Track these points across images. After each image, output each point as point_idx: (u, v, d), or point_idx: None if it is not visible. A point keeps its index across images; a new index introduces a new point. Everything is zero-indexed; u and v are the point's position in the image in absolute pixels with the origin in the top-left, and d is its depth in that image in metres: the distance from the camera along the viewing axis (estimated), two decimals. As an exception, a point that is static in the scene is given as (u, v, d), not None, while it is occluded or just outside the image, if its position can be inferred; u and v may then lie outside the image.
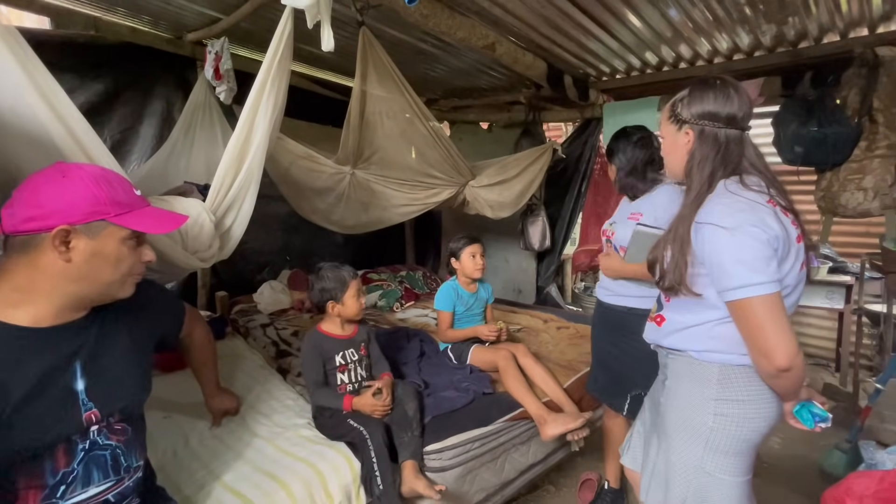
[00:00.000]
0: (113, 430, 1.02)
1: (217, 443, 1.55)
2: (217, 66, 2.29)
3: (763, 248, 0.96)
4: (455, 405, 1.70)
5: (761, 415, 1.06)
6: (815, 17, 2.07)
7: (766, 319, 0.95)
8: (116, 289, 0.99)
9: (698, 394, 1.10)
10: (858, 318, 3.17)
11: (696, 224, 1.03)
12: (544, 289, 3.55)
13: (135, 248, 0.99)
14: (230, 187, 1.55)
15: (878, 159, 1.92)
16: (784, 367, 0.94)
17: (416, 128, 2.22)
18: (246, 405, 1.78)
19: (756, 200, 1.00)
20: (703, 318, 1.08)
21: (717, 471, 1.08)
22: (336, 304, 1.67)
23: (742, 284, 0.96)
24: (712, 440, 1.08)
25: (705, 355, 1.09)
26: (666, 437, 1.18)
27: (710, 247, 1.00)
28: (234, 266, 3.15)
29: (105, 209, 0.91)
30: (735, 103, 1.06)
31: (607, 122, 2.95)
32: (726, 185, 1.04)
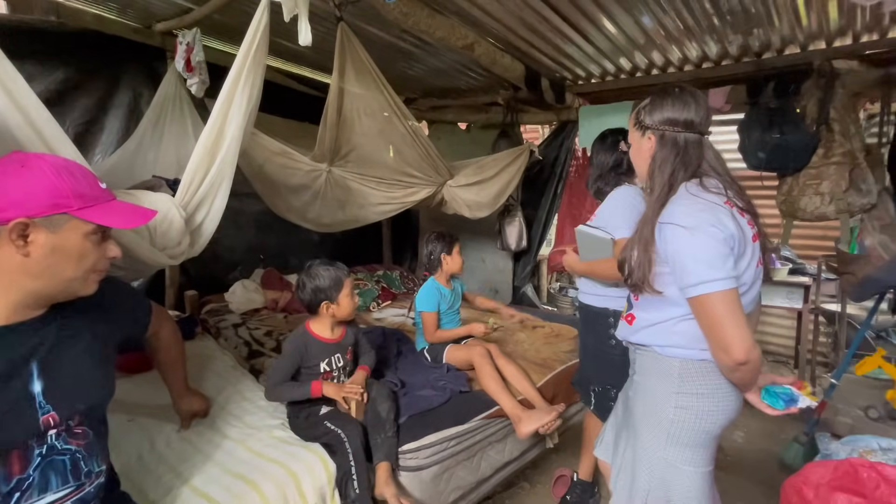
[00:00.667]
0: (73, 434, 0.97)
1: (185, 445, 1.50)
2: (188, 58, 2.22)
3: (720, 247, 1.01)
4: (431, 404, 1.70)
5: (720, 408, 1.11)
6: (778, 30, 2.17)
7: (723, 315, 1.00)
8: (78, 286, 0.95)
9: (661, 387, 1.15)
10: (815, 317, 3.34)
11: (659, 224, 1.08)
12: (521, 289, 3.59)
13: (99, 243, 0.95)
14: (201, 182, 1.51)
15: (834, 166, 2.03)
16: (741, 360, 1.00)
17: (395, 126, 2.21)
18: (216, 407, 1.73)
19: (714, 201, 1.06)
20: (667, 315, 1.12)
21: (679, 462, 1.13)
22: (331, 304, 1.61)
23: (701, 281, 1.01)
24: (674, 432, 1.13)
25: (668, 350, 1.14)
26: (633, 429, 1.23)
27: (672, 245, 1.05)
28: (204, 264, 3.04)
29: (67, 202, 0.87)
30: (692, 109, 1.12)
31: (583, 126, 3.01)
32: (687, 188, 1.09)
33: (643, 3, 1.99)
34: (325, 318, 1.64)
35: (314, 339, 1.63)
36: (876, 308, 2.36)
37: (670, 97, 1.13)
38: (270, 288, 3.09)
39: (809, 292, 3.26)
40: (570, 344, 2.49)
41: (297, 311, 2.96)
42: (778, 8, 1.96)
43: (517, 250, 3.43)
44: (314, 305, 1.62)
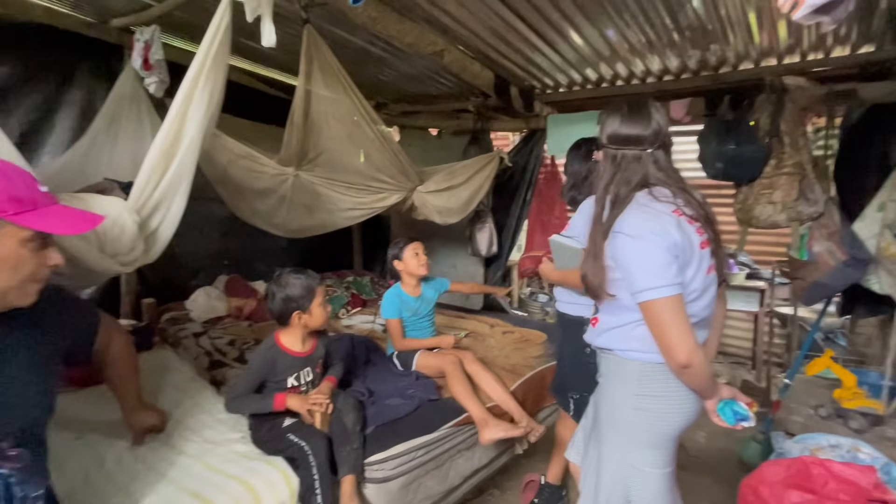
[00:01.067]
0: (5, 457, 0.90)
1: (137, 464, 1.42)
2: (147, 56, 2.13)
3: (663, 255, 1.05)
4: (399, 413, 1.67)
5: (678, 410, 1.15)
6: (733, 46, 2.28)
7: (667, 319, 1.04)
8: (14, 296, 0.88)
9: (622, 390, 1.18)
10: (770, 319, 3.50)
11: (612, 233, 1.12)
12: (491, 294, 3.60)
13: (38, 250, 0.89)
14: (157, 185, 1.45)
15: (785, 176, 2.14)
16: (683, 363, 1.04)
17: (364, 131, 2.18)
18: (173, 421, 1.64)
19: (661, 211, 1.10)
20: (625, 319, 1.16)
21: (639, 463, 1.16)
22: (303, 313, 1.55)
23: (646, 287, 1.05)
24: (634, 434, 1.16)
25: (628, 354, 1.17)
26: (598, 431, 1.27)
27: (620, 253, 1.10)
28: (163, 271, 2.92)
29: (2, 206, 0.81)
30: (637, 125, 1.15)
31: (551, 134, 3.06)
32: (638, 198, 1.13)
33: (607, 17, 2.05)
34: (296, 329, 1.59)
35: (283, 352, 1.57)
36: (824, 311, 2.50)
37: (612, 115, 1.19)
38: (235, 295, 2.98)
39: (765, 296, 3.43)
40: (539, 349, 2.51)
41: (262, 319, 2.87)
42: (732, 26, 2.06)
43: (488, 256, 3.44)
44: (285, 315, 1.56)
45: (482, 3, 1.97)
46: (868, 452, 1.76)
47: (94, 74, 2.52)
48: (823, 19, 0.93)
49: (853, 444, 1.81)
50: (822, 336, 3.28)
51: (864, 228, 2.09)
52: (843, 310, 2.49)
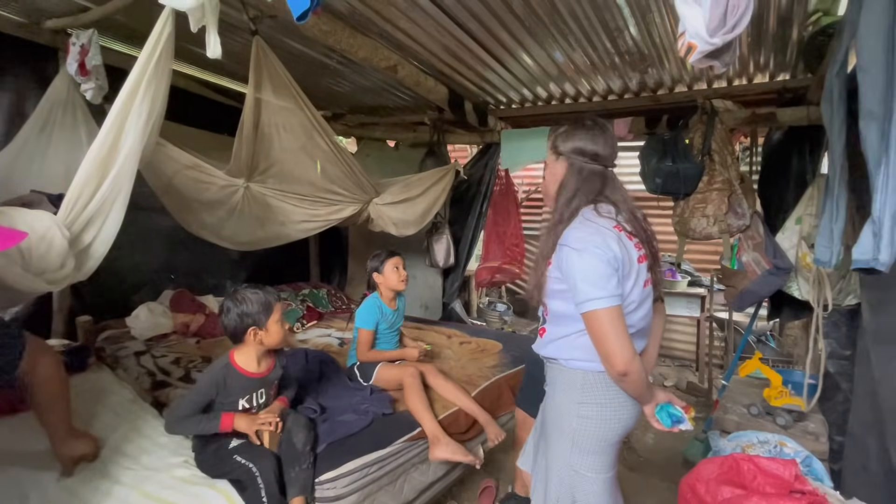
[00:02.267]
0: None
1: (67, 496, 1.33)
2: (83, 61, 2.02)
3: (604, 267, 1.11)
4: (352, 429, 1.65)
5: (617, 416, 1.21)
6: (668, 70, 2.45)
7: (607, 329, 1.10)
8: None
9: (566, 398, 1.23)
10: (710, 324, 3.74)
11: (559, 246, 1.17)
12: (449, 304, 3.64)
13: None
14: (91, 198, 1.37)
15: (716, 192, 2.32)
16: (622, 371, 1.10)
17: (317, 143, 2.17)
18: (108, 448, 1.55)
19: (603, 226, 1.17)
20: (569, 329, 1.21)
21: (582, 468, 1.21)
22: (258, 330, 1.49)
23: (587, 298, 1.10)
24: (577, 440, 1.21)
25: (571, 363, 1.22)
26: (546, 439, 1.30)
27: (565, 265, 1.15)
28: (101, 286, 2.72)
29: None
30: (600, 142, 1.22)
31: (504, 148, 3.16)
32: (583, 213, 1.20)
33: (553, 39, 2.15)
34: (251, 347, 1.53)
35: (237, 372, 1.51)
36: (755, 316, 2.70)
37: (583, 128, 1.24)
38: (181, 311, 2.84)
39: (705, 302, 3.66)
40: (494, 359, 2.56)
41: (211, 335, 2.76)
42: (666, 52, 2.22)
43: (445, 267, 3.48)
44: (239, 332, 1.50)
45: (434, 22, 2.02)
46: (792, 447, 1.91)
47: (24, 78, 2.36)
48: (714, 63, 1.05)
49: (779, 439, 1.96)
50: (754, 339, 3.53)
51: (785, 240, 2.28)
52: (771, 314, 2.70)
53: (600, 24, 1.98)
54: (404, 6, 1.89)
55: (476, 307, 4.75)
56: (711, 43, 0.98)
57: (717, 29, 0.98)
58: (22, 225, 1.22)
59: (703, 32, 0.99)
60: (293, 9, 1.16)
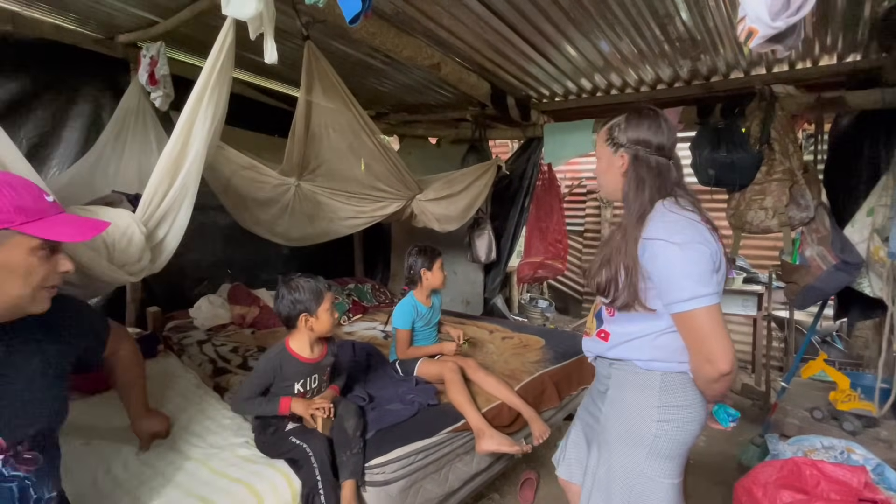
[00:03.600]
0: (21, 460, 0.94)
1: (144, 468, 1.45)
2: (152, 71, 2.19)
3: (708, 263, 1.05)
4: (399, 418, 1.70)
5: (697, 418, 1.15)
6: (723, 56, 2.34)
7: (711, 328, 1.03)
8: (27, 303, 0.93)
9: (641, 401, 1.16)
10: (768, 323, 3.53)
11: (643, 241, 1.09)
12: (491, 300, 3.65)
13: (47, 258, 0.93)
14: (163, 198, 1.50)
15: (776, 182, 2.19)
16: (726, 371, 1.03)
17: (363, 141, 2.24)
18: (178, 427, 1.68)
19: (694, 219, 1.10)
20: (648, 329, 1.14)
21: (658, 475, 1.14)
22: (309, 317, 1.57)
23: (691, 296, 1.03)
24: (656, 446, 1.14)
25: (649, 364, 1.15)
26: (607, 445, 1.22)
27: (660, 261, 1.06)
28: (168, 279, 2.96)
29: (8, 217, 0.85)
30: (664, 133, 1.16)
31: (547, 142, 3.12)
32: (664, 205, 1.13)
33: (599, 30, 2.11)
34: (304, 334, 1.61)
35: (292, 357, 1.59)
36: (819, 315, 2.53)
37: (646, 119, 1.16)
38: (238, 303, 3.02)
39: (762, 300, 3.46)
40: (537, 354, 2.55)
41: (265, 326, 2.92)
42: (721, 36, 2.11)
43: (487, 262, 3.49)
44: (292, 318, 1.58)
45: (477, 17, 2.03)
46: (861, 454, 1.79)
47: (101, 89, 2.59)
48: (776, 47, 0.99)
49: (846, 445, 1.83)
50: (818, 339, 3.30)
51: (855, 233, 2.13)
52: (838, 313, 2.52)
53: (649, 11, 1.92)
54: (447, 3, 1.91)
55: (517, 303, 4.73)
56: (774, 27, 0.93)
57: (781, 11, 0.92)
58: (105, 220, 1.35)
59: (765, 16, 0.93)
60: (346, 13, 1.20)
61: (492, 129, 3.46)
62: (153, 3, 2.05)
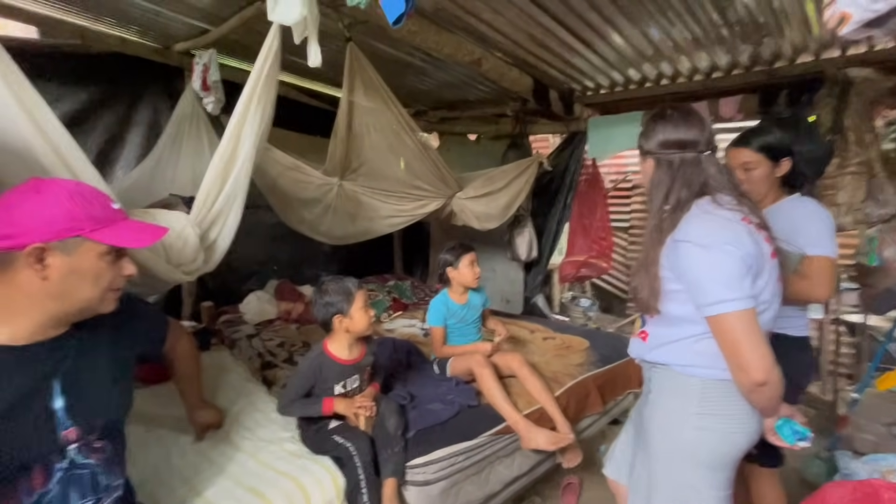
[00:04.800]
0: (92, 449, 1.01)
1: (199, 458, 1.53)
2: (205, 78, 2.30)
3: (737, 265, 0.99)
4: (440, 418, 1.70)
5: (742, 430, 1.08)
6: (789, 39, 2.15)
7: (741, 335, 0.98)
8: (96, 304, 0.99)
9: (679, 407, 1.12)
10: (837, 328, 3.25)
11: (674, 242, 1.06)
12: (531, 299, 3.58)
13: (114, 262, 0.98)
14: (215, 200, 1.56)
15: (850, 176, 1.99)
16: (760, 381, 0.97)
17: (403, 140, 2.24)
18: (230, 418, 1.75)
19: (730, 219, 1.04)
20: (686, 332, 1.10)
21: (701, 485, 1.09)
22: (343, 317, 1.59)
23: (718, 300, 0.99)
24: (694, 454, 1.09)
25: (688, 370, 1.10)
26: (648, 449, 1.20)
27: (687, 263, 1.03)
28: (220, 276, 3.09)
29: (80, 225, 0.90)
30: (682, 129, 1.11)
31: (592, 137, 3.01)
32: (699, 205, 1.07)
33: (649, 16, 1.99)
34: (341, 335, 1.63)
35: (330, 360, 1.62)
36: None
37: (661, 120, 1.14)
38: (284, 299, 3.13)
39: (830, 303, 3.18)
40: (580, 356, 2.47)
41: (309, 322, 3.00)
42: (788, 17, 1.94)
43: (528, 261, 3.42)
44: (327, 321, 1.61)
45: (518, 10, 1.97)
46: (951, 477, 1.61)
47: (159, 96, 2.73)
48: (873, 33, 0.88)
49: (933, 467, 1.65)
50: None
51: (945, 231, 1.91)
52: (921, 319, 2.28)
53: (705, -7, 1.80)
54: (488, -3, 1.87)
55: (558, 302, 4.62)
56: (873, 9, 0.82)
57: None
58: (163, 224, 1.43)
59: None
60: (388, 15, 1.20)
61: (533, 124, 3.37)
62: (205, 12, 2.14)
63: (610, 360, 2.46)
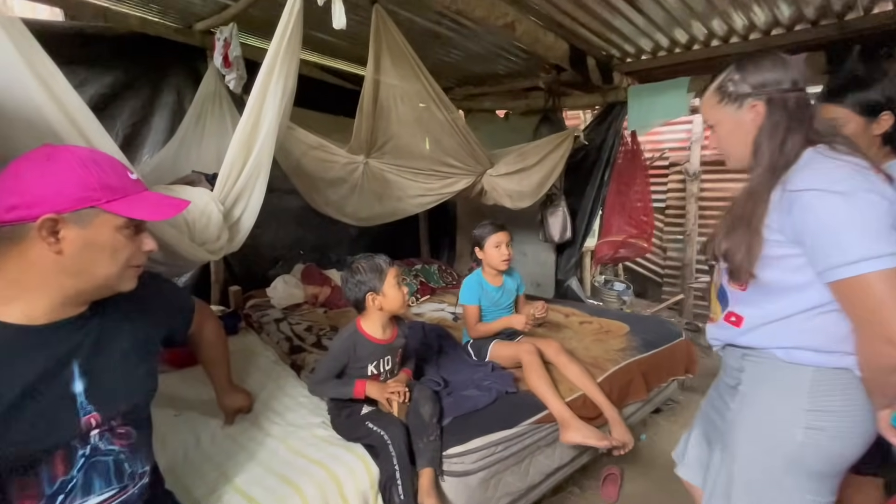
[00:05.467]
0: (116, 435, 0.95)
1: (229, 443, 1.49)
2: (226, 54, 2.22)
3: (883, 217, 0.81)
4: (477, 405, 1.60)
5: (861, 429, 0.92)
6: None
7: (889, 297, 0.79)
8: (115, 281, 0.92)
9: (785, 403, 0.95)
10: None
11: (791, 194, 0.88)
12: (565, 282, 3.42)
13: (133, 236, 0.91)
14: (238, 176, 1.48)
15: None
16: None
17: (432, 113, 2.11)
18: (259, 403, 1.72)
19: (861, 165, 0.86)
20: (796, 307, 0.92)
21: (800, 491, 0.94)
22: (376, 295, 1.52)
23: (860, 258, 0.80)
24: (801, 457, 0.93)
25: (796, 354, 0.93)
26: (732, 448, 1.03)
27: (815, 216, 0.85)
28: (246, 260, 3.13)
29: (95, 195, 0.83)
30: (792, 68, 0.95)
31: (632, 107, 2.79)
32: (817, 151, 0.90)
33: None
34: (374, 314, 1.56)
35: (365, 338, 1.55)
36: None
37: (766, 59, 0.97)
38: (310, 283, 3.09)
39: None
40: (621, 341, 2.33)
41: (337, 306, 2.95)
42: (868, -42, 1.70)
43: (561, 242, 3.26)
44: (360, 300, 1.54)
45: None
46: None
47: (182, 77, 2.69)
48: None
49: None
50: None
51: None
52: None
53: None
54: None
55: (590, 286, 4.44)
56: None
57: None
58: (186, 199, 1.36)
59: None
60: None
61: (567, 97, 3.18)
62: (224, -16, 2.05)
63: (653, 345, 2.32)
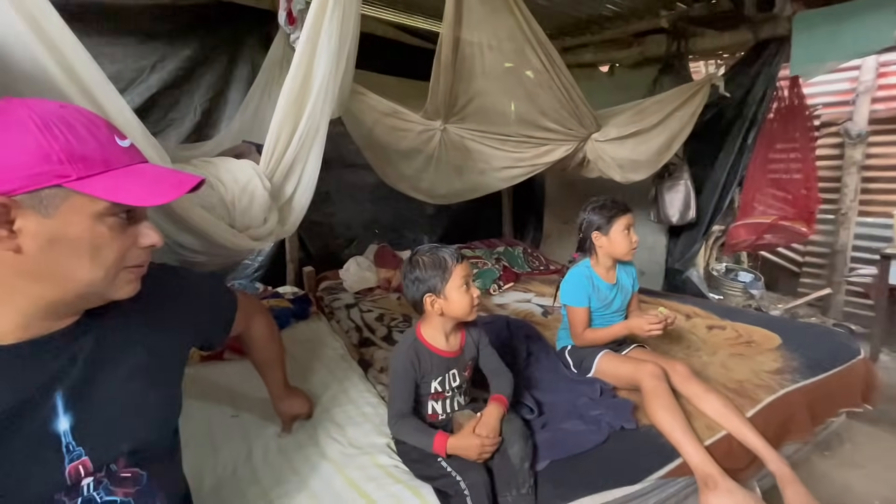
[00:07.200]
0: (117, 481, 0.72)
1: (281, 461, 1.28)
2: (289, 9, 1.97)
3: None
4: (583, 446, 1.21)
5: None
6: None
7: None
8: (103, 288, 0.67)
9: None
10: None
11: None
12: (682, 273, 2.80)
13: (123, 227, 0.65)
14: (288, 144, 1.21)
15: None
16: None
17: (527, 58, 1.67)
18: (319, 409, 1.51)
19: None
20: None
21: None
22: (436, 297, 1.22)
23: None
24: None
25: None
26: None
27: None
28: (322, 239, 3.03)
29: (60, 168, 0.57)
30: None
31: (798, 42, 2.05)
32: None
33: None
34: (435, 319, 1.25)
35: (426, 348, 1.25)
36: None
37: None
38: (384, 266, 2.87)
39: None
40: (773, 359, 1.75)
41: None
42: None
43: (681, 223, 2.62)
44: (418, 301, 1.24)
45: None
46: None
47: (258, 48, 2.56)
48: None
49: None
50: None
51: None
52: None
53: None
54: None
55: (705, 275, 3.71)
56: None
57: None
58: (225, 174, 1.11)
59: None
60: None
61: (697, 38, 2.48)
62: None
63: (820, 367, 1.72)
